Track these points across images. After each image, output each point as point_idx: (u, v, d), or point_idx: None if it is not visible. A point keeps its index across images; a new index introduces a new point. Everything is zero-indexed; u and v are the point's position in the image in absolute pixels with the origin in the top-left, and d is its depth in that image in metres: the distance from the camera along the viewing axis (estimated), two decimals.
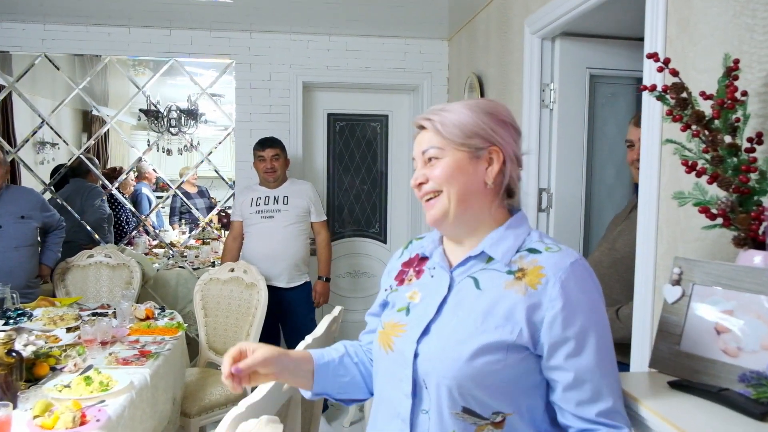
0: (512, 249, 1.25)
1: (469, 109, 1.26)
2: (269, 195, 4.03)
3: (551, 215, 3.14)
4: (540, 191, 3.15)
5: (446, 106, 1.28)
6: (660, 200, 2.02)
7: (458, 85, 4.51)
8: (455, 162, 1.25)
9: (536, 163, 3.13)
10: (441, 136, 1.26)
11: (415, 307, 1.32)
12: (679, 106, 1.40)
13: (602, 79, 3.16)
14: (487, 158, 1.26)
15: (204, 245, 5.83)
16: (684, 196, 1.47)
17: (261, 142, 4.06)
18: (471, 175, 1.25)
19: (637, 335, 2.05)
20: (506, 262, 1.24)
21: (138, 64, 5.50)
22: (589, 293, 1.19)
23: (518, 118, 3.27)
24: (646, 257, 2.02)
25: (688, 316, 1.40)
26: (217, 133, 5.62)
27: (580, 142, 3.13)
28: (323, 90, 4.96)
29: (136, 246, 5.49)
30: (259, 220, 3.99)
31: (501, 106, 1.30)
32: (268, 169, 4.00)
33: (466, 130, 1.25)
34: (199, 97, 4.96)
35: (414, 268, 1.40)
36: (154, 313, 3.44)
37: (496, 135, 1.26)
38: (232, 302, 3.74)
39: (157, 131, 5.23)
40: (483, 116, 1.26)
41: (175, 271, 5.01)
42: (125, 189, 5.90)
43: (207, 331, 3.77)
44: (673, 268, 1.44)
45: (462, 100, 1.32)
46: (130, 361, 2.65)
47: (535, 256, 1.23)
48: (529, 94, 3.14)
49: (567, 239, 3.13)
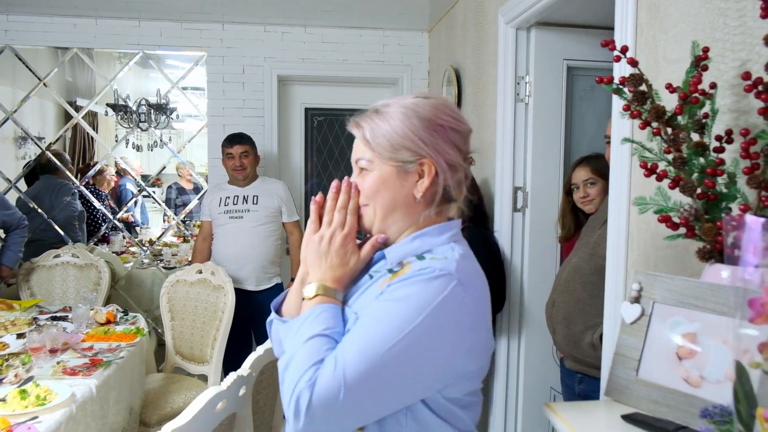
0: (407, 255, 1.19)
1: (403, 116, 1.20)
2: (238, 194, 3.88)
3: (527, 215, 3.01)
4: (515, 190, 3.01)
5: (383, 108, 1.23)
6: (630, 204, 1.86)
7: (438, 78, 4.35)
8: (381, 177, 1.22)
9: (511, 160, 3.00)
10: (370, 147, 1.22)
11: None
12: (637, 101, 1.24)
13: (580, 71, 3.05)
14: (418, 171, 1.21)
15: (184, 243, 5.70)
16: (645, 202, 1.30)
17: (229, 138, 3.91)
18: (398, 190, 1.22)
19: (606, 359, 1.88)
20: (393, 263, 1.19)
21: (123, 56, 5.34)
22: (420, 301, 1.06)
23: (492, 112, 3.13)
24: (616, 268, 1.86)
25: (647, 338, 1.24)
26: (197, 128, 5.47)
27: (557, 138, 3.01)
28: (300, 84, 4.82)
29: (112, 244, 5.34)
30: (227, 221, 3.83)
31: (440, 107, 1.23)
32: (236, 166, 3.85)
33: (394, 142, 1.20)
34: (170, 91, 4.80)
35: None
36: (116, 317, 3.30)
37: (426, 147, 1.20)
38: (199, 305, 3.60)
39: (126, 126, 5.07)
40: (415, 124, 1.20)
41: (151, 270, 4.88)
42: (105, 185, 5.75)
43: (173, 335, 3.63)
44: (631, 284, 1.28)
45: (403, 98, 1.24)
46: (77, 371, 2.51)
47: (418, 261, 1.16)
48: (503, 87, 3.01)
49: (543, 240, 3.02)
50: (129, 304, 4.58)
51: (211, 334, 3.47)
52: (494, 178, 3.11)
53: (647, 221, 1.77)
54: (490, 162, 3.20)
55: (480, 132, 3.37)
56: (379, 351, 1.02)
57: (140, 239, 5.57)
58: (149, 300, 4.72)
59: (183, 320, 3.62)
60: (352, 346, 1.04)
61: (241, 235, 3.80)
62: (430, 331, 1.04)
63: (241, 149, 3.86)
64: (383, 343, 1.03)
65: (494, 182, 3.11)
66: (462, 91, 3.76)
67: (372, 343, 1.03)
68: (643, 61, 1.75)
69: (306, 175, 4.91)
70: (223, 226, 3.86)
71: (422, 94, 1.25)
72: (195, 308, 3.60)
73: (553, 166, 3.01)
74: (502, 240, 3.02)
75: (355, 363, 1.01)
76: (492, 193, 3.15)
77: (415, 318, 1.04)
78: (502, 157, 3.03)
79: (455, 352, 1.08)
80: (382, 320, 1.05)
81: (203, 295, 3.59)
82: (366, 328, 1.06)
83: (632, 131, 1.84)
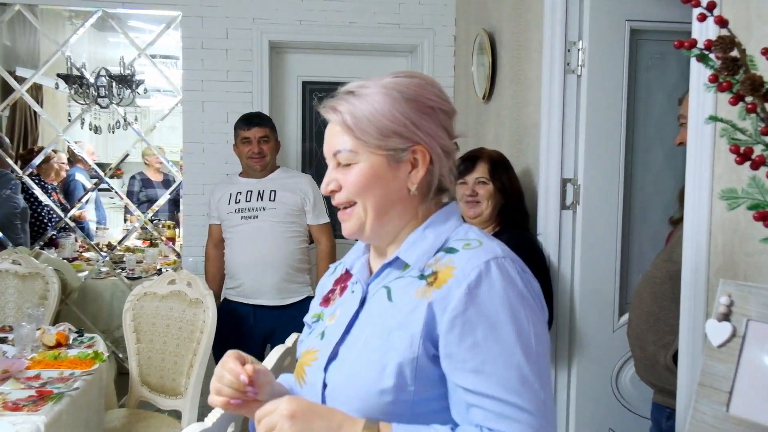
0: (429, 251, 1.29)
1: (388, 97, 1.28)
2: (252, 189, 3.86)
3: (579, 214, 3.01)
4: (563, 183, 3.01)
5: (359, 89, 1.30)
6: (713, 198, 1.86)
7: (467, 46, 4.36)
8: (371, 169, 1.29)
9: (558, 146, 2.99)
10: (353, 135, 1.28)
11: (330, 329, 1.38)
12: (727, 70, 1.22)
13: (647, 35, 3.04)
14: (411, 159, 1.30)
15: (152, 247, 5.73)
16: (736, 195, 1.29)
17: (246, 118, 3.92)
18: (391, 183, 1.30)
19: (682, 388, 1.87)
20: (420, 267, 1.28)
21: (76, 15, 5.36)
22: (502, 302, 1.20)
23: (536, 87, 3.13)
24: (695, 277, 1.86)
25: (740, 364, 1.24)
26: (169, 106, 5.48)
27: (617, 118, 3.00)
28: (296, 51, 4.84)
29: (62, 248, 5.36)
30: (239, 222, 3.81)
31: (426, 86, 1.32)
32: (254, 154, 3.83)
33: (382, 128, 1.27)
34: (135, 60, 4.83)
35: (341, 285, 1.48)
36: (68, 339, 3.32)
37: (419, 131, 1.28)
38: (171, 324, 3.62)
39: (82, 103, 5.09)
40: (404, 106, 1.28)
41: (111, 280, 4.92)
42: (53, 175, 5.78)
43: (140, 360, 3.64)
44: (718, 297, 1.27)
45: (380, 78, 1.32)
46: (21, 405, 2.55)
47: (451, 255, 1.26)
48: (550, 55, 3.00)
49: (600, 245, 3.02)
50: (84, 323, 4.60)
51: (186, 360, 3.49)
52: (537, 168, 3.10)
53: (735, 220, 1.76)
54: (532, 148, 3.19)
55: (520, 111, 3.37)
56: (526, 374, 1.17)
57: (97, 242, 5.60)
58: (108, 317, 4.75)
59: (151, 342, 3.63)
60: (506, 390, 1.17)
61: (257, 239, 3.78)
62: (529, 314, 1.21)
63: (261, 133, 3.85)
64: (524, 363, 1.18)
65: (537, 173, 3.10)
66: (497, 61, 3.75)
67: (517, 373, 1.17)
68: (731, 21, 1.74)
69: (303, 164, 4.92)
70: (234, 229, 3.85)
71: (402, 73, 1.33)
72: (167, 328, 3.61)
73: (612, 153, 3.00)
74: (548, 245, 3.02)
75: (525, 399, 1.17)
76: (534, 186, 3.14)
77: (516, 322, 1.19)
78: (547, 141, 3.02)
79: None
80: (501, 344, 1.18)
81: (177, 311, 3.61)
82: (494, 364, 1.17)
83: (715, 108, 1.83)
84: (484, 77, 3.85)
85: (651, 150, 3.09)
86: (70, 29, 4.76)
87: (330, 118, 1.30)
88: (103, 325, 4.68)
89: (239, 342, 3.62)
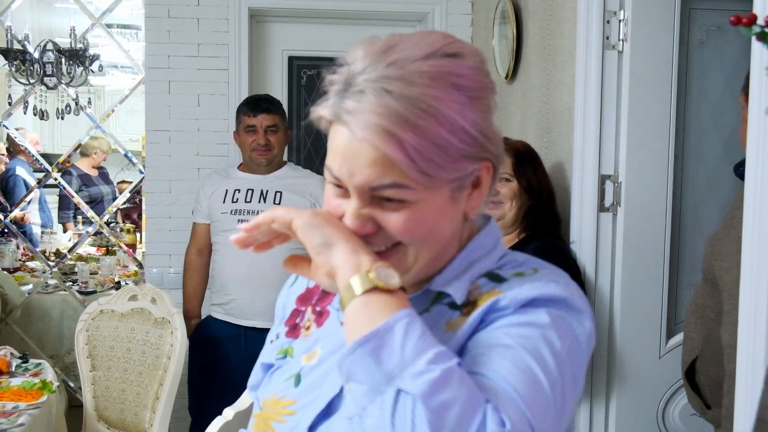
0: (467, 278, 1.18)
1: (454, 102, 1.07)
2: (253, 187, 3.87)
3: (620, 216, 3.02)
4: (602, 180, 3.02)
5: (391, 82, 1.06)
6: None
7: (487, 14, 4.38)
8: (434, 208, 1.11)
9: (596, 136, 3.01)
10: (417, 169, 1.06)
11: (310, 372, 1.24)
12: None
13: (701, 4, 3.06)
14: (473, 180, 1.15)
15: (108, 255, 5.76)
16: None
17: (251, 103, 3.93)
18: (452, 218, 1.16)
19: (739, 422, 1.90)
20: (460, 298, 1.17)
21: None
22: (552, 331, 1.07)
23: (569, 65, 3.15)
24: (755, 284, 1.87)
25: None
26: (129, 85, 5.51)
27: (665, 103, 3.02)
28: (281, 21, 4.88)
29: (1, 257, 5.39)
30: (234, 226, 3.83)
31: (482, 66, 1.15)
32: (259, 145, 3.85)
33: (454, 153, 1.08)
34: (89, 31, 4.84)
35: (314, 305, 1.34)
36: (10, 366, 3.34)
37: (489, 143, 1.12)
38: (133, 347, 3.65)
39: (25, 83, 5.11)
40: (471, 112, 1.08)
41: (60, 295, 4.94)
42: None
43: (95, 391, 3.68)
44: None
45: (411, 55, 1.08)
46: None
47: (496, 284, 1.16)
48: (585, 28, 3.01)
49: (646, 253, 3.03)
50: (28, 346, 4.63)
51: (151, 391, 3.52)
52: (571, 163, 3.12)
53: None
54: (564, 139, 3.22)
55: (550, 94, 3.39)
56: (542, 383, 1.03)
57: (43, 250, 5.62)
58: (57, 339, 4.78)
59: (109, 370, 3.66)
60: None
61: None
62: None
63: (269, 121, 3.86)
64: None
65: (571, 169, 3.12)
66: (522, 33, 3.77)
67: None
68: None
69: (290, 153, 4.93)
70: (228, 234, 3.84)
71: (442, 43, 1.11)
72: (127, 352, 3.64)
73: (660, 145, 3.01)
74: (582, 253, 3.03)
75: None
76: (568, 184, 3.16)
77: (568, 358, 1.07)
78: (582, 131, 3.03)
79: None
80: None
81: (140, 332, 3.64)
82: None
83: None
84: (507, 52, 3.87)
85: (706, 141, 3.10)
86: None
87: (377, 141, 1.05)
88: (52, 349, 4.71)
89: (224, 369, 3.65)
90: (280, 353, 1.34)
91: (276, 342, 1.37)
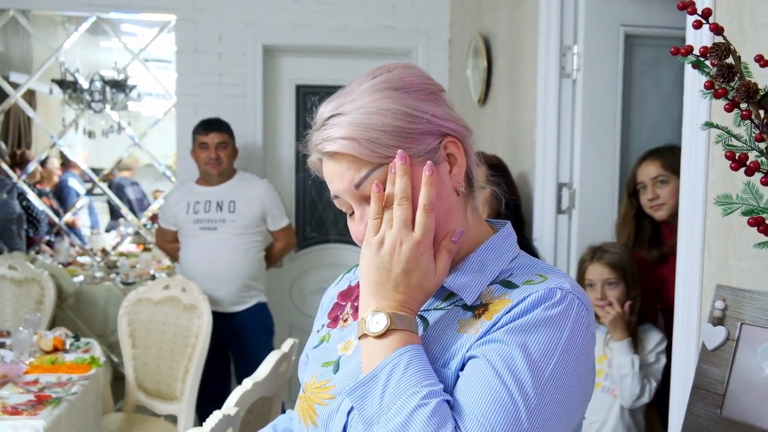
0: (483, 283, 1.14)
1: (386, 98, 1.09)
2: (210, 199, 3.91)
3: (574, 218, 3.04)
4: (559, 187, 3.04)
5: (342, 107, 1.10)
6: (707, 202, 1.88)
7: (462, 49, 4.38)
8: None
9: (554, 150, 3.02)
10: (378, 156, 1.08)
11: (348, 361, 1.19)
12: (723, 77, 1.26)
13: (642, 40, 3.07)
14: (444, 156, 1.12)
15: (145, 252, 5.75)
16: (731, 200, 1.32)
17: (204, 124, 3.96)
18: (442, 192, 1.11)
19: (676, 393, 1.90)
20: (471, 300, 1.13)
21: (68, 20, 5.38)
22: (553, 330, 1.04)
23: (531, 91, 3.16)
24: (688, 281, 1.88)
25: (734, 367, 1.27)
26: (162, 110, 5.51)
27: (612, 122, 3.04)
28: (290, 55, 4.86)
29: (55, 254, 5.39)
30: (198, 233, 3.86)
31: (414, 70, 1.16)
32: (211, 159, 3.89)
33: (404, 132, 1.09)
34: (129, 64, 4.85)
35: (353, 301, 1.30)
36: (65, 344, 3.33)
37: (440, 120, 1.12)
38: (166, 329, 3.63)
39: (76, 108, 5.12)
40: (411, 98, 1.10)
41: (105, 286, 4.92)
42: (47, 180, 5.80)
43: (135, 365, 3.66)
44: (714, 301, 1.30)
45: (353, 89, 1.13)
46: (20, 409, 2.54)
47: (508, 290, 1.12)
48: (545, 59, 3.03)
49: None
50: (79, 328, 4.61)
51: (181, 365, 3.51)
52: (533, 173, 3.13)
53: (728, 225, 1.79)
54: (527, 152, 3.22)
55: (515, 115, 3.40)
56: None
57: (91, 248, 5.61)
58: (103, 322, 4.76)
59: (147, 348, 3.65)
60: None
61: (216, 250, 3.84)
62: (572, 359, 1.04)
63: (219, 138, 3.90)
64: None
65: (533, 178, 3.13)
66: (492, 65, 3.78)
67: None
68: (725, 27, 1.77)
69: (297, 168, 4.94)
70: (192, 240, 3.90)
71: (374, 72, 1.14)
72: (162, 333, 3.63)
73: (607, 158, 3.03)
74: (543, 249, 3.04)
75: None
76: (530, 191, 3.17)
77: (563, 357, 1.03)
78: (543, 146, 3.05)
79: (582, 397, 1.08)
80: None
81: (171, 316, 3.63)
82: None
83: (710, 114, 1.86)
84: (479, 80, 3.88)
85: None
86: (63, 34, 4.79)
87: (338, 149, 1.09)
88: (99, 330, 4.69)
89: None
90: (321, 339, 1.31)
91: (321, 331, 1.33)
